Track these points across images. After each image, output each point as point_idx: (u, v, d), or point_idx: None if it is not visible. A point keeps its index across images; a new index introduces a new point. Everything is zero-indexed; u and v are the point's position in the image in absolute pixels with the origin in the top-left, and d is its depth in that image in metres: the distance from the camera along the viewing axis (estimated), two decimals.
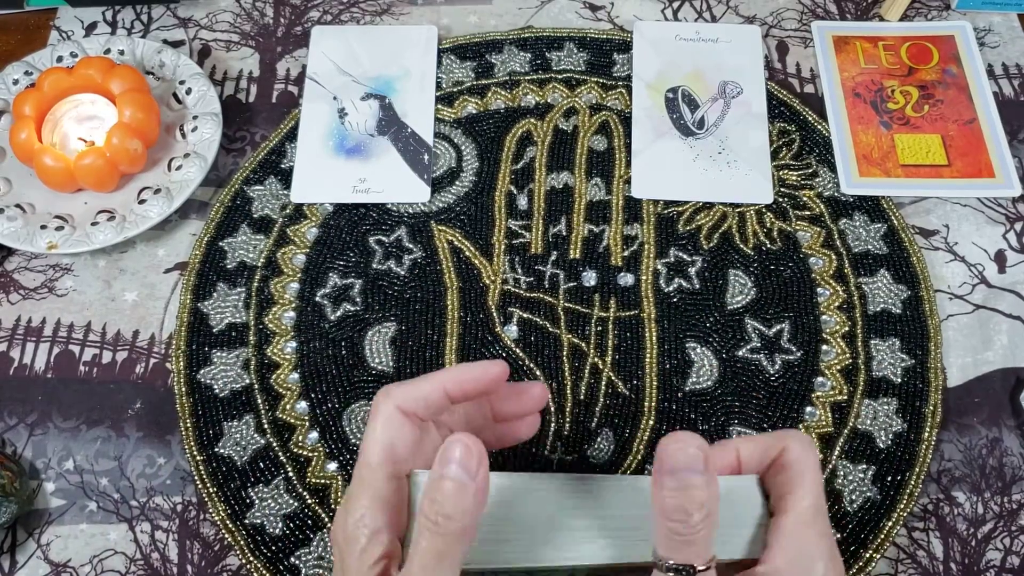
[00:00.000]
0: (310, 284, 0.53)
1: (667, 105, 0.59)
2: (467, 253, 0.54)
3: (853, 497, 0.47)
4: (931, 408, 0.49)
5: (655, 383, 0.50)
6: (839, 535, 0.46)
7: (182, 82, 0.59)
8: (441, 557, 0.27)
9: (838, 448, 0.48)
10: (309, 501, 0.47)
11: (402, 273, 0.54)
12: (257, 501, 0.47)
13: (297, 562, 0.45)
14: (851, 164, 0.57)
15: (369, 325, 0.52)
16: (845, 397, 0.50)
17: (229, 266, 0.54)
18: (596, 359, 0.51)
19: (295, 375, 0.50)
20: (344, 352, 0.51)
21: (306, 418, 0.49)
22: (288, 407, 0.49)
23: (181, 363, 0.51)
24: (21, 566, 0.46)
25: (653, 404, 0.49)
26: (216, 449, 0.48)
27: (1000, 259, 0.54)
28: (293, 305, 0.53)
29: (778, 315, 0.52)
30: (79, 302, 0.53)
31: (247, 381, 0.50)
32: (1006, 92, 0.61)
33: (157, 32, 0.64)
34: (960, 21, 0.63)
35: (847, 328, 0.52)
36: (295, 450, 0.48)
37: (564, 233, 0.55)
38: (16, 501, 0.45)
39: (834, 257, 0.54)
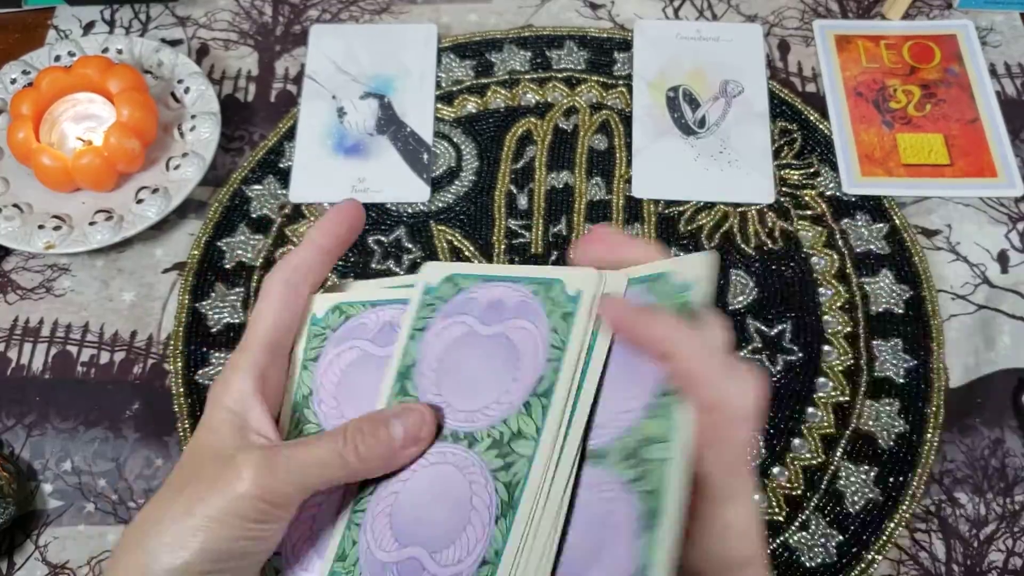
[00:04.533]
0: None
1: (668, 104, 0.59)
2: (467, 253, 0.54)
3: (855, 498, 0.47)
4: (933, 409, 0.49)
5: None
6: (841, 536, 0.46)
7: (180, 81, 0.59)
8: (324, 467, 0.28)
9: (840, 449, 0.48)
10: None
11: (401, 273, 0.53)
12: None
13: None
14: (853, 163, 0.57)
15: None
16: (847, 398, 0.49)
17: (227, 266, 0.54)
18: None
19: None
20: None
21: None
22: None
23: (179, 364, 0.50)
24: (19, 567, 0.46)
25: None
26: None
27: (1002, 259, 0.54)
28: None
29: (780, 315, 0.52)
30: (77, 302, 0.53)
31: None
32: (1008, 91, 0.60)
33: (155, 31, 0.63)
34: (962, 20, 0.63)
35: (849, 328, 0.51)
36: None
37: (564, 233, 0.55)
38: (14, 502, 0.45)
39: (836, 257, 0.54)
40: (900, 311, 0.52)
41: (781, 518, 0.46)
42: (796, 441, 0.48)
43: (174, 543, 0.27)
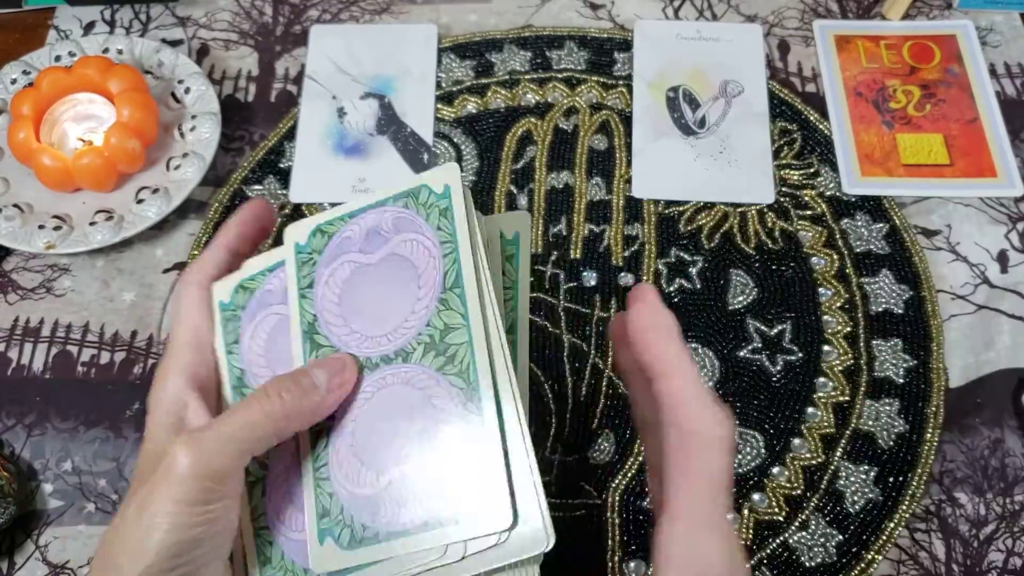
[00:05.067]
0: None
1: (668, 104, 0.59)
2: None
3: (855, 498, 0.47)
4: (933, 409, 0.49)
5: None
6: (841, 536, 0.46)
7: (180, 81, 0.59)
8: (254, 427, 0.29)
9: (840, 449, 0.48)
10: None
11: None
12: None
13: None
14: (853, 164, 0.57)
15: None
16: (847, 398, 0.49)
17: None
18: (597, 359, 0.50)
19: None
20: None
21: None
22: None
23: None
24: (19, 567, 0.46)
25: None
26: None
27: (1002, 259, 0.54)
28: None
29: (779, 315, 0.52)
30: (77, 302, 0.53)
31: None
32: (1008, 91, 0.60)
33: (155, 31, 0.64)
34: (962, 20, 0.63)
35: (849, 328, 0.51)
36: None
37: (564, 233, 0.55)
38: (14, 502, 0.45)
39: (836, 257, 0.54)
40: (900, 311, 0.52)
41: (781, 518, 0.46)
42: (796, 441, 0.48)
43: (134, 550, 0.27)
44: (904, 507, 0.46)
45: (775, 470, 0.48)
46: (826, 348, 0.51)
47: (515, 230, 0.33)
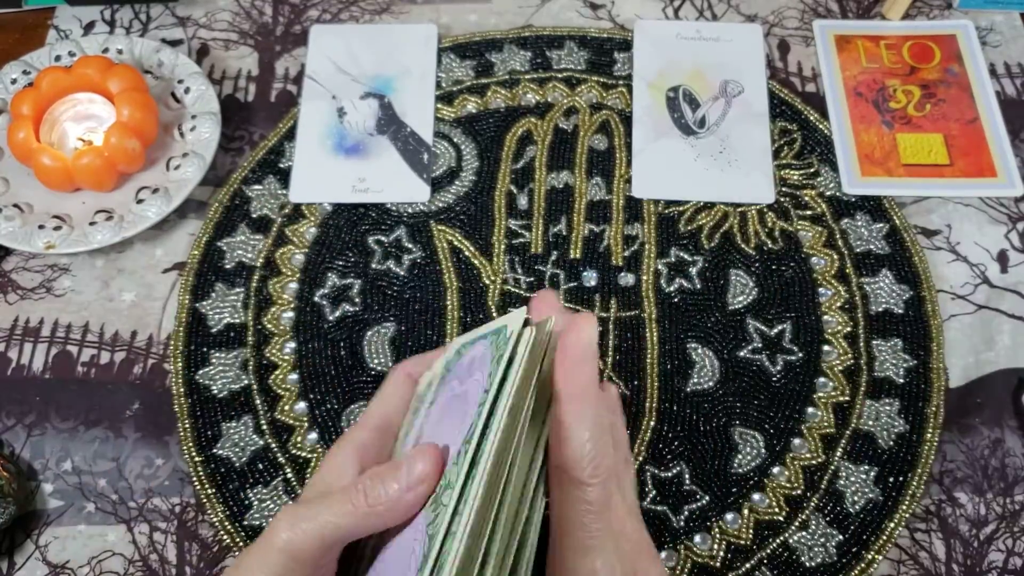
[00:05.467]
0: (309, 284, 0.53)
1: (668, 104, 0.59)
2: (467, 253, 0.54)
3: (855, 498, 0.47)
4: (933, 409, 0.49)
5: (656, 384, 0.50)
6: (841, 536, 0.46)
7: (180, 81, 0.59)
8: (339, 516, 0.29)
9: (840, 449, 0.48)
10: None
11: (401, 273, 0.53)
12: (256, 502, 0.47)
13: None
14: (853, 163, 0.57)
15: (368, 325, 0.52)
16: (847, 398, 0.49)
17: (227, 266, 0.54)
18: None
19: (294, 376, 0.50)
20: (343, 352, 0.51)
21: (305, 419, 0.49)
22: (287, 408, 0.49)
23: (179, 364, 0.50)
24: (19, 567, 0.46)
25: (654, 405, 0.49)
26: (215, 450, 0.48)
27: (1002, 259, 0.54)
28: (292, 305, 0.52)
29: (779, 315, 0.52)
30: (77, 302, 0.53)
31: (246, 382, 0.50)
32: (1008, 91, 0.60)
33: (155, 31, 0.64)
34: (962, 20, 0.63)
35: (849, 328, 0.51)
36: (294, 451, 0.48)
37: (564, 233, 0.55)
38: (14, 502, 0.45)
39: (836, 257, 0.54)
40: (900, 311, 0.52)
41: (781, 518, 0.46)
42: (796, 441, 0.48)
43: None
44: (904, 507, 0.46)
45: (775, 470, 0.47)
46: (826, 348, 0.51)
47: (511, 329, 0.30)
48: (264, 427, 0.49)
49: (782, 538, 0.46)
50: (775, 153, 0.57)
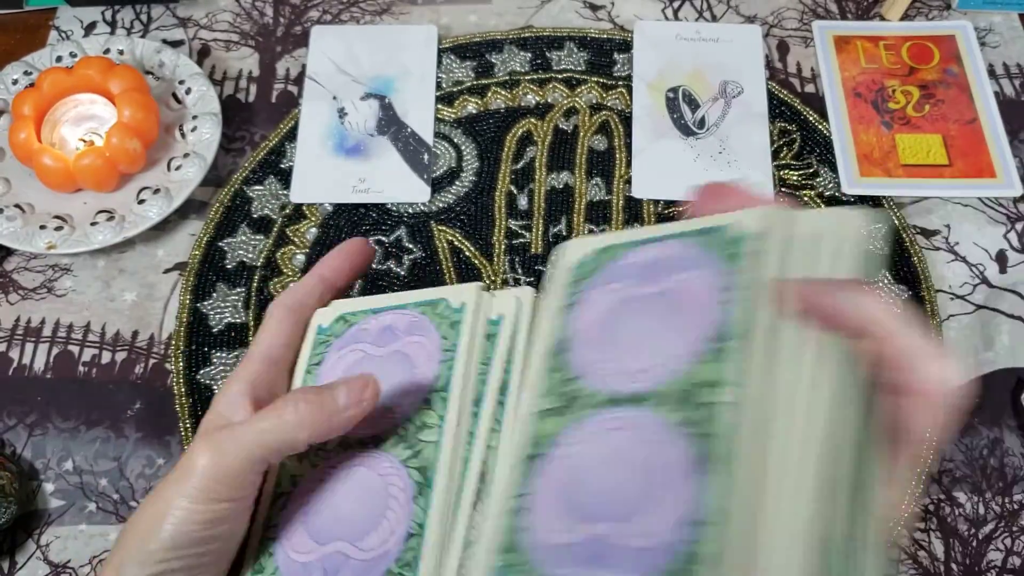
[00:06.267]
0: None
1: (668, 105, 0.59)
2: (467, 253, 0.54)
3: None
4: None
5: None
6: None
7: (181, 82, 0.59)
8: (268, 433, 0.29)
9: None
10: None
11: (402, 273, 0.54)
12: None
13: None
14: (852, 164, 0.57)
15: None
16: None
17: (228, 266, 0.54)
18: None
19: None
20: None
21: None
22: None
23: (180, 363, 0.51)
24: (20, 567, 0.46)
25: None
26: None
27: (1001, 259, 0.54)
28: None
29: None
30: (78, 302, 0.53)
31: None
32: (1007, 92, 0.61)
33: (156, 32, 0.64)
34: (961, 21, 0.63)
35: None
36: None
37: (564, 233, 0.55)
38: (15, 502, 0.45)
39: None
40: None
41: None
42: None
43: (143, 534, 0.28)
44: (903, 507, 0.46)
45: None
46: None
47: (462, 301, 0.34)
48: None
49: None
50: (774, 154, 0.57)
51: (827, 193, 0.56)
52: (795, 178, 0.57)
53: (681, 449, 0.24)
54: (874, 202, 0.56)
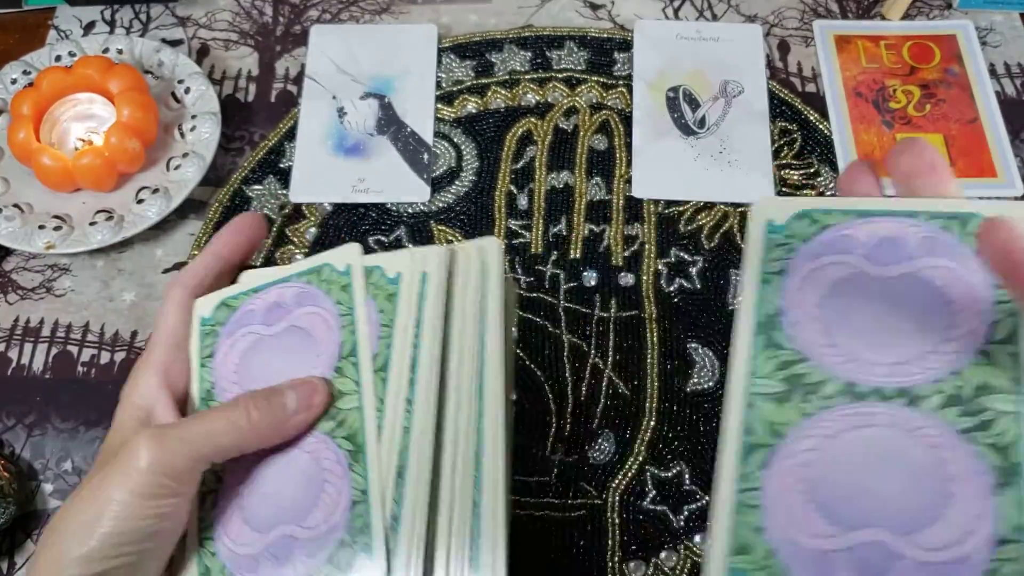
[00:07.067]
0: None
1: (668, 104, 0.59)
2: None
3: None
4: None
5: (656, 383, 0.50)
6: None
7: (180, 81, 0.59)
8: (217, 435, 0.29)
9: None
10: None
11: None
12: None
13: None
14: None
15: None
16: None
17: None
18: (597, 359, 0.50)
19: None
20: None
21: None
22: None
23: None
24: (20, 567, 0.46)
25: (654, 405, 0.49)
26: None
27: None
28: None
29: None
30: (77, 302, 0.53)
31: None
32: (1008, 91, 0.60)
33: (155, 31, 0.64)
34: (962, 20, 0.63)
35: None
36: None
37: (564, 233, 0.55)
38: (15, 502, 0.45)
39: None
40: None
41: None
42: None
43: (81, 531, 0.28)
44: None
45: None
46: None
47: (346, 263, 0.33)
48: None
49: None
50: (775, 153, 0.57)
51: (828, 193, 0.56)
52: (796, 178, 0.57)
53: (971, 459, 0.23)
54: None
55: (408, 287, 0.31)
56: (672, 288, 0.53)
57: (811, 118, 0.59)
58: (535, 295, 0.52)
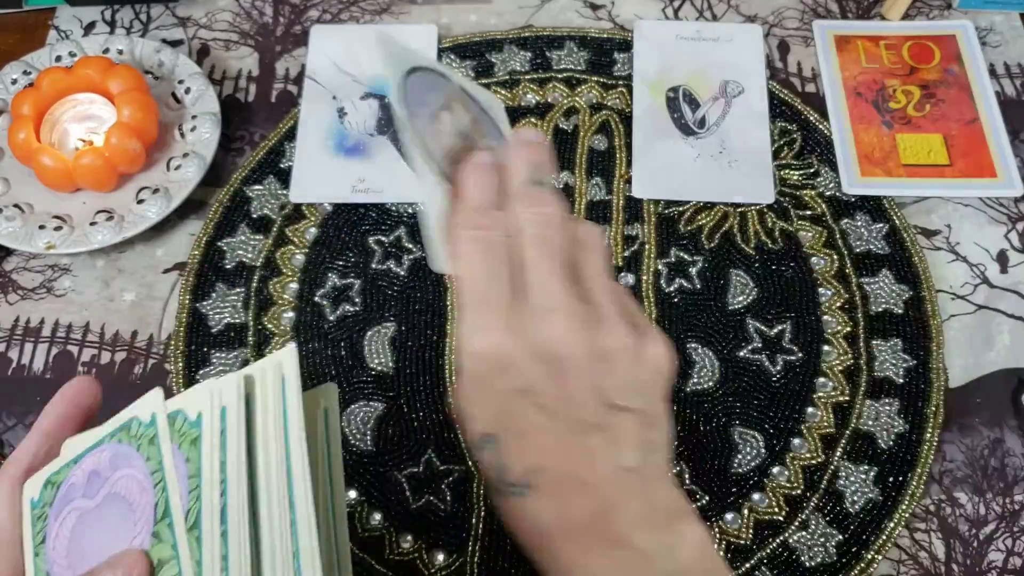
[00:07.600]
0: (309, 284, 0.53)
1: (668, 104, 0.59)
2: None
3: (855, 498, 0.47)
4: (933, 409, 0.49)
5: None
6: (841, 536, 0.46)
7: (181, 81, 0.59)
8: None
9: (840, 449, 0.48)
10: None
11: (402, 273, 0.53)
12: None
13: None
14: (852, 164, 0.57)
15: (368, 325, 0.52)
16: (847, 398, 0.49)
17: (228, 266, 0.54)
18: None
19: None
20: (343, 352, 0.51)
21: None
22: None
23: (180, 364, 0.50)
24: None
25: None
26: None
27: (1002, 259, 0.54)
28: (292, 305, 0.52)
29: (779, 315, 0.52)
30: (77, 302, 0.53)
31: None
32: (1008, 91, 0.61)
33: (156, 31, 0.64)
34: (962, 20, 0.63)
35: (849, 328, 0.51)
36: None
37: None
38: None
39: (836, 257, 0.54)
40: (900, 311, 0.52)
41: (781, 518, 0.46)
42: (796, 441, 0.48)
43: None
44: (904, 507, 0.46)
45: (775, 470, 0.48)
46: (826, 348, 0.51)
47: (151, 412, 0.31)
48: None
49: (782, 538, 0.46)
50: (775, 153, 0.57)
51: (828, 193, 0.56)
52: (796, 178, 0.57)
53: None
54: (875, 201, 0.55)
55: (209, 428, 0.29)
56: (672, 288, 0.53)
57: (811, 118, 0.59)
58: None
